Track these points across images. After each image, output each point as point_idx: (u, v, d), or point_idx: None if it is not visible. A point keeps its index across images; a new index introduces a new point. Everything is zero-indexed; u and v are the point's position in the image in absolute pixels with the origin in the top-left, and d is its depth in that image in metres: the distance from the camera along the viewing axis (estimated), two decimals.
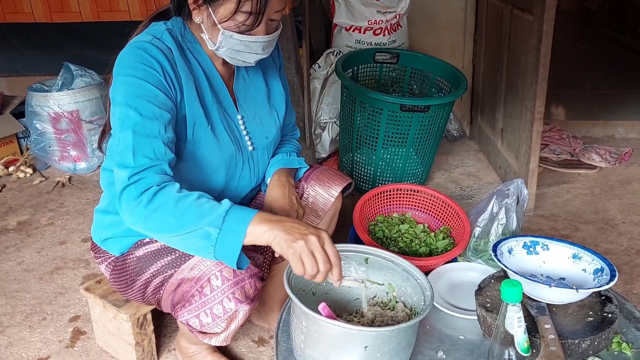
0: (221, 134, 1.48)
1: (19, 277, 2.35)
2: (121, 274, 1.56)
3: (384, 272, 1.46)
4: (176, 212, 1.23)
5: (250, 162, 1.60)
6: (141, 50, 1.34)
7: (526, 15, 2.61)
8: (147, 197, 1.24)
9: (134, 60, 1.34)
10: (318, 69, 3.21)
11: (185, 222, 1.23)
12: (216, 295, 1.41)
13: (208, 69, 1.48)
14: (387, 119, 2.64)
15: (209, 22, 1.37)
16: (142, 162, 1.27)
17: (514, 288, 1.14)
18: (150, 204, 1.24)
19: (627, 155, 3.28)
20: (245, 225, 1.22)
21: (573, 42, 5.71)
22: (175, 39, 1.42)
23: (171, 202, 1.24)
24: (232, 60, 1.43)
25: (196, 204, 1.24)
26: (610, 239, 2.50)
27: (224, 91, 1.52)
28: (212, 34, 1.38)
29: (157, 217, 1.24)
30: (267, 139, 1.63)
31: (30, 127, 3.24)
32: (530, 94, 2.57)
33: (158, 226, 1.25)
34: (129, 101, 1.31)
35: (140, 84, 1.32)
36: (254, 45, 1.38)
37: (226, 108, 1.52)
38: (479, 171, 3.20)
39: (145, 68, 1.33)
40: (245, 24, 1.33)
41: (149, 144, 1.29)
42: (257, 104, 1.61)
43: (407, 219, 1.93)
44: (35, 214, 2.85)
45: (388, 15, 3.22)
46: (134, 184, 1.26)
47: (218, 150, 1.48)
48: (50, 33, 3.57)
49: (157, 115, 1.31)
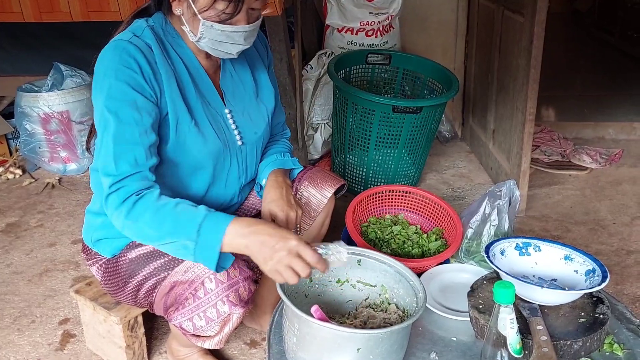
0: (206, 129, 1.47)
1: (7, 280, 2.32)
2: (113, 276, 1.55)
3: (376, 273, 1.46)
4: (154, 224, 1.28)
5: (239, 156, 1.58)
6: (119, 50, 1.34)
7: (517, 16, 2.62)
8: (126, 207, 1.29)
9: (112, 61, 1.33)
10: (310, 70, 3.20)
11: (163, 234, 1.28)
12: (210, 298, 1.40)
13: (191, 63, 1.47)
14: (379, 120, 2.64)
15: (189, 13, 1.36)
16: (123, 169, 1.30)
17: (506, 289, 1.14)
18: (130, 215, 1.28)
19: (617, 156, 3.30)
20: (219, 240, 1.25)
21: (563, 43, 5.74)
22: (156, 35, 1.41)
23: (149, 213, 1.28)
24: (214, 51, 1.42)
25: (173, 213, 1.28)
26: (601, 240, 2.51)
27: (209, 85, 1.50)
28: (192, 25, 1.37)
29: (138, 227, 1.29)
30: (256, 134, 1.61)
31: (19, 127, 3.21)
32: (522, 95, 2.57)
33: (140, 236, 1.33)
34: (108, 105, 1.32)
35: (119, 87, 1.32)
36: (235, 36, 1.37)
37: (211, 102, 1.50)
38: (470, 172, 3.21)
39: (124, 70, 1.32)
40: (225, 12, 1.32)
41: (129, 150, 1.31)
42: (245, 99, 1.59)
43: (399, 221, 1.93)
44: (25, 215, 2.83)
45: (380, 16, 3.22)
46: (115, 192, 1.29)
47: (203, 145, 1.47)
48: (39, 33, 3.55)
49: (136, 121, 1.32)
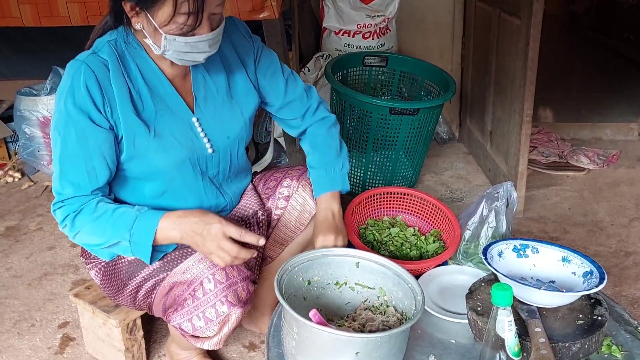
0: (168, 140, 1.46)
1: (7, 284, 2.32)
2: (112, 279, 1.56)
3: (375, 276, 1.46)
4: (95, 232, 1.40)
5: (210, 164, 1.57)
6: (73, 72, 1.37)
7: (514, 19, 2.62)
8: (69, 223, 1.40)
9: (66, 83, 1.38)
10: (308, 72, 3.21)
11: (105, 239, 1.40)
12: (209, 299, 1.41)
13: (152, 75, 1.45)
14: (377, 122, 2.64)
15: (150, 28, 1.34)
16: (66, 191, 1.40)
17: (504, 292, 1.15)
18: (73, 229, 1.41)
19: (615, 157, 3.31)
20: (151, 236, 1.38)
21: (560, 45, 5.75)
22: (116, 50, 1.41)
23: (88, 225, 1.39)
24: (181, 61, 1.40)
25: (110, 219, 1.38)
26: (599, 241, 2.52)
27: (173, 95, 1.48)
28: (155, 39, 1.36)
29: (82, 238, 1.43)
30: (229, 138, 1.59)
31: (18, 131, 3.21)
32: (519, 97, 2.58)
33: (88, 245, 1.49)
34: (57, 126, 1.40)
35: (68, 111, 1.36)
36: (199, 45, 1.35)
37: (176, 112, 1.49)
38: (468, 174, 3.22)
39: (74, 93, 1.35)
40: (186, 24, 1.30)
41: (72, 173, 1.39)
42: (217, 102, 1.56)
43: (397, 223, 1.94)
44: (24, 219, 2.83)
45: (377, 19, 3.23)
46: (59, 209, 1.42)
47: (166, 157, 1.47)
48: (38, 37, 3.54)
49: (82, 145, 1.37)
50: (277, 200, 1.77)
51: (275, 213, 1.78)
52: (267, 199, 1.79)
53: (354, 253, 1.47)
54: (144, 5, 1.30)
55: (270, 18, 2.59)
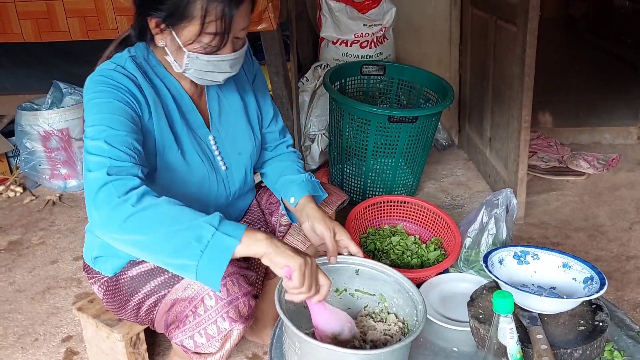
0: (192, 157, 1.47)
1: (10, 298, 2.33)
2: (114, 294, 1.56)
3: (375, 282, 1.47)
4: (170, 212, 1.18)
5: (225, 182, 1.58)
6: (104, 77, 1.34)
7: (510, 26, 2.64)
8: (135, 194, 1.18)
9: (99, 84, 1.33)
10: (306, 82, 3.23)
11: (177, 223, 1.16)
12: (210, 315, 1.41)
13: (175, 91, 1.46)
14: (376, 130, 2.65)
15: (173, 46, 1.35)
16: (118, 164, 1.22)
17: (505, 299, 1.15)
18: (141, 202, 1.17)
19: (615, 161, 3.32)
20: (241, 232, 1.18)
21: (557, 48, 5.77)
22: (139, 66, 1.41)
23: (163, 202, 1.19)
24: (200, 80, 1.42)
25: (189, 208, 1.21)
26: (601, 246, 2.52)
27: (194, 112, 1.50)
28: (177, 57, 1.37)
29: (146, 215, 1.17)
30: (241, 155, 1.60)
31: (19, 146, 3.23)
32: (517, 103, 2.60)
33: (142, 225, 1.16)
34: (99, 119, 1.28)
35: (108, 103, 1.30)
36: (221, 64, 1.37)
37: (196, 129, 1.50)
38: (468, 180, 3.22)
39: (111, 90, 1.32)
40: (211, 44, 1.32)
41: (123, 152, 1.25)
42: (231, 120, 1.58)
43: (398, 231, 1.94)
44: (26, 233, 2.84)
45: (374, 28, 3.25)
46: (116, 182, 1.19)
47: (189, 174, 1.47)
48: (39, 51, 3.57)
49: (128, 129, 1.29)
50: (280, 216, 1.77)
51: (279, 230, 1.79)
52: (269, 214, 1.80)
53: (353, 260, 1.48)
54: (170, 23, 1.32)
55: (269, 30, 2.61)
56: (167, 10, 1.30)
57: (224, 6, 1.28)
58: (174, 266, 1.18)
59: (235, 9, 1.30)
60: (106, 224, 1.18)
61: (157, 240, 1.16)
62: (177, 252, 1.15)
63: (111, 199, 1.17)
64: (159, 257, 1.18)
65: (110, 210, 1.17)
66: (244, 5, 1.33)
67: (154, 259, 1.20)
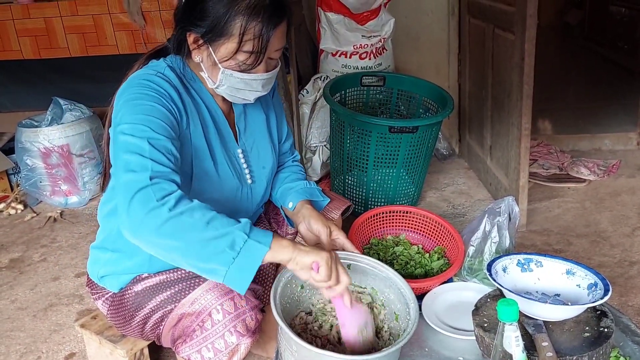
0: (223, 169, 1.49)
1: (12, 316, 2.32)
2: (119, 309, 1.55)
3: (366, 277, 1.50)
4: (204, 218, 1.19)
5: (250, 195, 1.60)
6: (147, 81, 1.35)
7: (508, 34, 2.65)
8: (173, 199, 1.19)
9: (141, 87, 1.33)
10: (306, 94, 3.24)
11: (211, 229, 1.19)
12: (217, 330, 1.40)
13: (211, 105, 1.49)
14: (377, 141, 2.66)
15: (209, 62, 1.38)
16: (159, 168, 1.23)
17: (510, 307, 1.15)
18: (177, 207, 1.19)
19: (615, 167, 3.32)
20: (269, 239, 1.22)
21: (555, 56, 5.79)
22: (178, 75, 1.42)
23: (197, 207, 1.21)
24: (232, 97, 1.45)
25: (220, 215, 1.23)
26: (603, 252, 2.52)
27: (226, 126, 1.53)
28: (211, 73, 1.40)
29: (181, 220, 1.18)
30: (265, 168, 1.64)
31: (20, 163, 3.24)
32: (516, 111, 2.60)
33: (177, 230, 1.18)
34: (140, 119, 1.28)
35: (151, 106, 1.31)
36: (254, 83, 1.40)
37: (227, 143, 1.53)
38: (470, 189, 3.22)
39: (153, 94, 1.33)
40: (246, 63, 1.35)
41: (164, 156, 1.26)
42: (256, 134, 1.62)
43: (401, 241, 1.94)
44: (28, 250, 2.83)
45: (373, 39, 3.26)
46: (155, 185, 1.20)
47: (219, 186, 1.49)
48: (38, 68, 3.58)
49: (167, 135, 1.30)
50: (286, 226, 1.78)
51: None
52: (275, 224, 1.80)
53: (345, 255, 1.49)
54: (209, 39, 1.35)
55: None
56: (207, 26, 1.34)
57: (262, 26, 1.32)
58: (203, 270, 1.21)
59: (273, 29, 1.33)
60: (140, 226, 1.19)
61: (191, 247, 1.18)
62: (210, 258, 1.18)
63: (149, 202, 1.18)
64: (190, 260, 1.20)
65: (146, 214, 1.17)
66: (281, 27, 1.36)
67: (183, 263, 1.22)
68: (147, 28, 2.82)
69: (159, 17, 2.83)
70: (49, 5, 2.80)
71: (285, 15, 1.37)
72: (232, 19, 1.31)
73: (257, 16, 1.31)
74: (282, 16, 1.36)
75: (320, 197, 1.69)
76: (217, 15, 1.32)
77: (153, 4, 2.82)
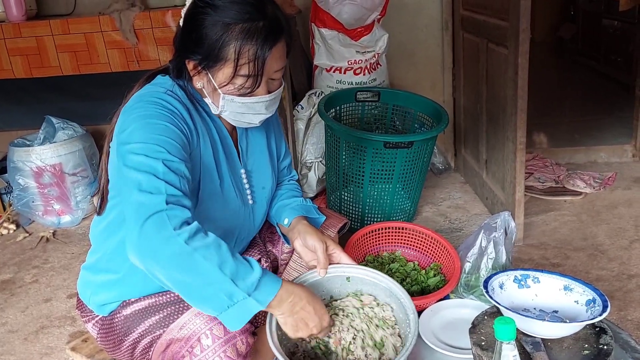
0: (228, 189, 1.48)
1: (3, 339, 2.28)
2: (109, 333, 1.52)
3: (367, 287, 1.49)
4: (216, 260, 1.17)
5: (251, 215, 1.59)
6: (158, 99, 1.33)
7: (501, 49, 2.65)
8: (189, 231, 1.17)
9: (152, 104, 1.31)
10: (301, 110, 3.23)
11: (219, 274, 1.17)
12: (207, 355, 1.37)
13: (218, 126, 1.48)
14: (372, 156, 2.64)
15: (209, 87, 1.38)
16: (173, 192, 1.20)
17: (507, 326, 1.13)
18: (193, 241, 1.16)
19: (611, 179, 3.31)
20: (270, 298, 1.24)
21: (549, 70, 5.81)
22: (186, 93, 1.41)
23: (211, 245, 1.19)
24: (237, 122, 1.44)
25: (233, 258, 1.21)
26: (601, 265, 2.49)
27: (231, 146, 1.53)
28: (214, 98, 1.39)
29: (195, 258, 1.16)
30: (264, 189, 1.63)
31: (12, 182, 3.21)
32: (511, 125, 2.59)
33: (187, 267, 1.16)
34: (154, 139, 1.25)
35: (164, 126, 1.28)
36: (256, 106, 1.39)
37: (233, 163, 1.52)
38: (466, 203, 3.20)
39: (166, 114, 1.30)
40: (244, 86, 1.34)
41: (178, 179, 1.24)
42: (256, 154, 1.61)
43: (397, 258, 1.92)
44: (19, 271, 2.80)
45: (367, 54, 3.26)
46: (170, 211, 1.17)
47: (223, 206, 1.47)
48: (30, 87, 3.57)
49: (181, 157, 1.27)
50: (282, 244, 1.76)
51: (281, 258, 1.77)
52: (270, 243, 1.78)
53: (343, 268, 1.48)
54: (207, 65, 1.34)
55: None
56: (203, 53, 1.33)
57: (257, 48, 1.30)
58: (197, 306, 1.24)
59: (268, 51, 1.32)
60: (149, 251, 1.16)
61: (194, 286, 1.19)
62: (206, 300, 1.21)
63: (164, 229, 1.15)
64: (187, 297, 1.22)
65: (159, 240, 1.15)
66: (278, 48, 1.34)
67: (181, 295, 1.22)
68: (140, 46, 2.81)
69: (151, 34, 2.83)
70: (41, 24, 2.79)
71: (282, 35, 1.36)
72: (226, 44, 1.31)
73: (250, 39, 1.30)
74: (278, 37, 1.35)
75: (317, 215, 1.67)
76: (212, 41, 1.31)
77: (145, 22, 2.82)
